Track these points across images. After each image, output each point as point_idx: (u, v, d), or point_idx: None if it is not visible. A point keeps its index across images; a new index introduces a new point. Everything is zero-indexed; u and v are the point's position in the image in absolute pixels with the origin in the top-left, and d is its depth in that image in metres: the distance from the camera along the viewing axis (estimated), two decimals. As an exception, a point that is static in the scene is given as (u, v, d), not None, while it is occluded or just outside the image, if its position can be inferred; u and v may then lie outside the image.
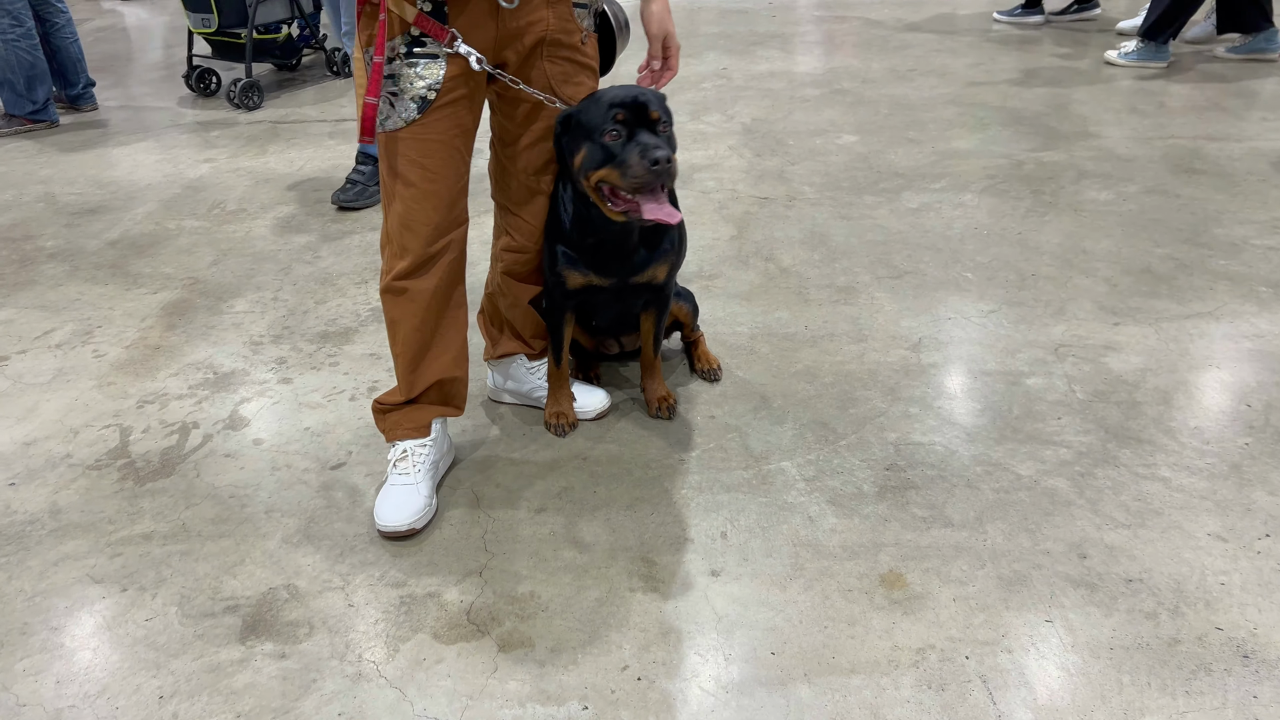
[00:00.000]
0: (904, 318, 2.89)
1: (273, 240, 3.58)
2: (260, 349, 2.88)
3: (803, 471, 2.27)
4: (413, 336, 2.12)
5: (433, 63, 1.94)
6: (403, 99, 1.95)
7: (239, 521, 2.18)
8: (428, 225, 2.03)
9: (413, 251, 2.05)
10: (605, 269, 2.22)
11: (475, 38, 1.96)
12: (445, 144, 2.01)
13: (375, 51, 1.90)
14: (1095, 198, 3.60)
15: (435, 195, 2.02)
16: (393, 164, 2.01)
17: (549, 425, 2.44)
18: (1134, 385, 2.53)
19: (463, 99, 2.00)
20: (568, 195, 2.18)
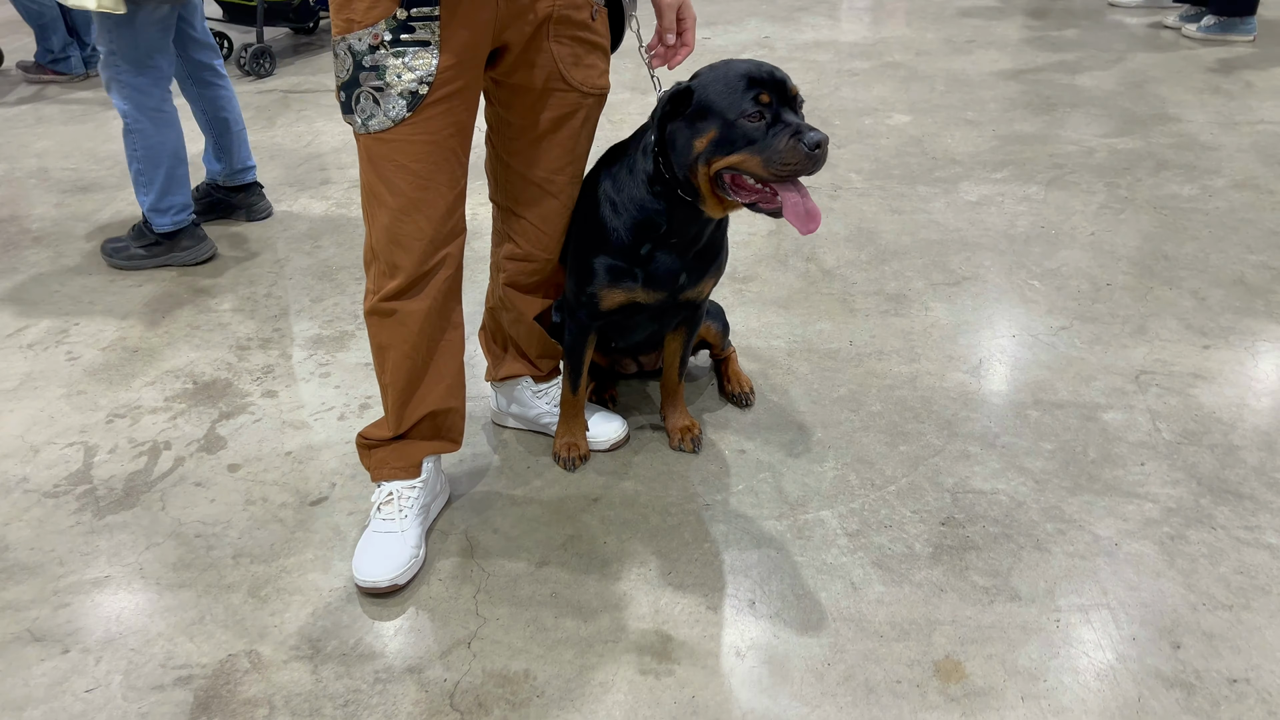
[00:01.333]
0: (962, 334, 2.56)
1: (271, 226, 3.31)
2: (246, 354, 2.61)
3: (845, 524, 1.98)
4: (403, 364, 1.84)
5: (423, 50, 1.64)
6: (389, 94, 1.65)
7: (203, 568, 1.93)
8: (420, 239, 1.75)
9: (404, 269, 1.76)
10: (659, 283, 1.91)
11: (475, 18, 1.66)
12: (439, 145, 1.71)
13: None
14: (1177, 193, 3.23)
15: (428, 205, 1.73)
16: (378, 170, 1.72)
17: (558, 457, 2.16)
18: (1229, 425, 2.20)
19: (460, 92, 1.70)
20: (624, 193, 1.85)
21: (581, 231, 1.93)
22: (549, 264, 2.03)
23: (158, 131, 2.87)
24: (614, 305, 1.95)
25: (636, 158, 1.84)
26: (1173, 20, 4.81)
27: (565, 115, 1.86)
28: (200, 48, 3.04)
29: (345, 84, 1.67)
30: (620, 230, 1.86)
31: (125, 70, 2.78)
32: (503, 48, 1.75)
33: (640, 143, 1.84)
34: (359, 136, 1.71)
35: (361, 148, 1.72)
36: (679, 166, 1.76)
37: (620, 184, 1.86)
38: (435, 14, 1.62)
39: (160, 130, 2.88)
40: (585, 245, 1.92)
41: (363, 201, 1.77)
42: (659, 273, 1.90)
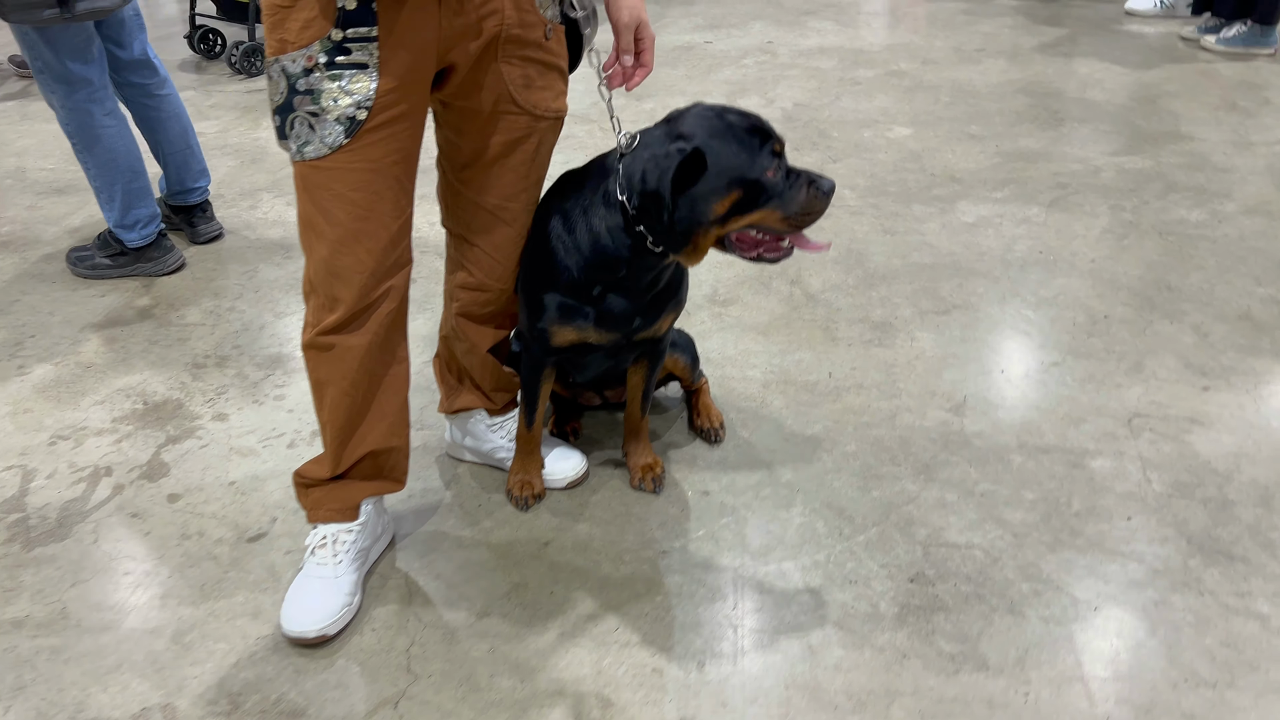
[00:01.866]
0: (948, 368, 2.44)
1: (244, 235, 3.22)
2: (201, 373, 2.52)
3: (808, 577, 1.86)
4: (342, 401, 1.74)
5: (361, 74, 1.53)
6: (325, 120, 1.54)
7: (127, 610, 1.83)
8: (361, 272, 1.64)
9: (344, 302, 1.66)
10: (611, 323, 1.80)
11: (416, 38, 1.55)
12: (381, 173, 1.61)
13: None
14: (1185, 218, 3.09)
15: (370, 236, 1.63)
16: (314, 199, 1.61)
17: (510, 495, 2.05)
18: (1225, 477, 2.07)
19: (402, 117, 1.60)
20: (579, 234, 1.72)
21: (532, 263, 1.82)
22: (503, 294, 1.92)
23: (105, 148, 2.75)
24: (565, 343, 1.84)
25: (596, 204, 1.71)
26: (1190, 31, 4.65)
27: (518, 139, 1.75)
28: (132, 68, 2.86)
29: (279, 108, 1.57)
30: (572, 269, 1.75)
31: (58, 88, 2.66)
32: (449, 68, 1.64)
33: (600, 189, 1.71)
34: (295, 164, 1.60)
35: (297, 175, 1.62)
36: (682, 227, 1.63)
37: (573, 223, 1.73)
38: (373, 35, 1.52)
39: (107, 146, 2.75)
40: (535, 279, 1.81)
41: (300, 232, 1.66)
42: (612, 313, 1.79)
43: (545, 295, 1.79)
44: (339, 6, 1.49)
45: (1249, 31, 4.39)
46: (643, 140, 1.67)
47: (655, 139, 1.65)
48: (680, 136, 1.62)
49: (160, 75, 2.93)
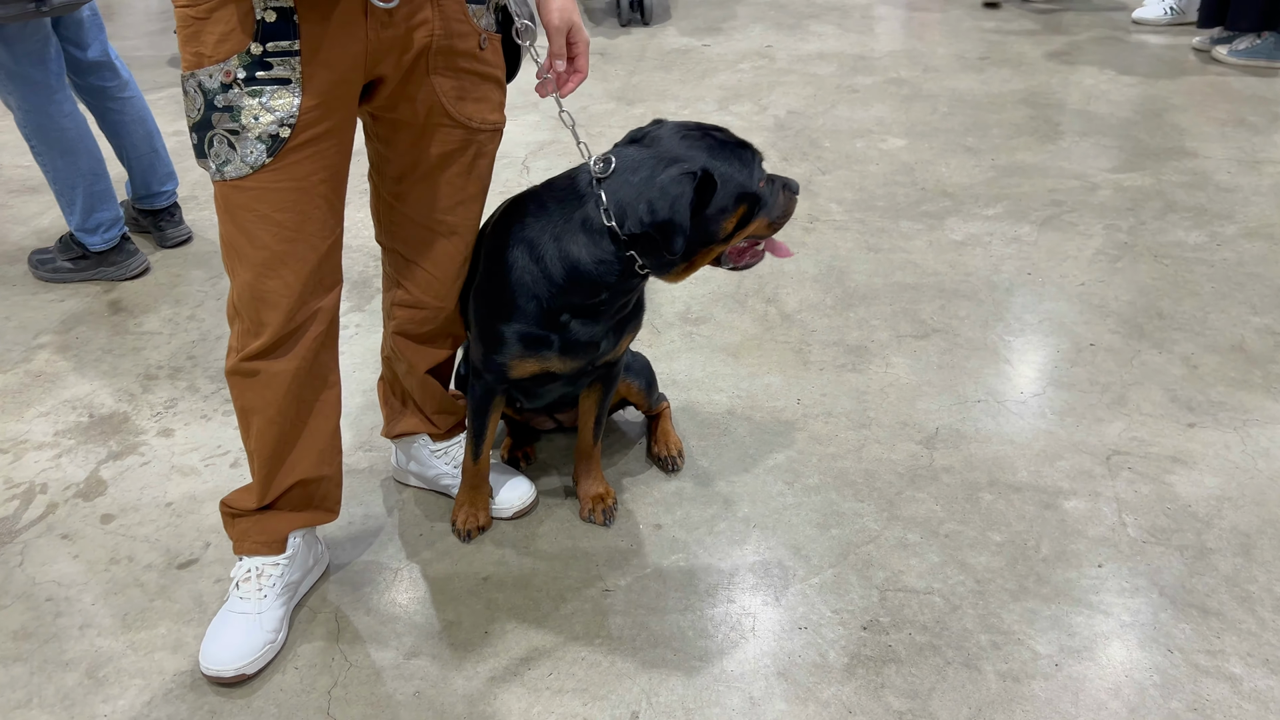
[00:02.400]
0: (922, 396, 2.34)
1: (212, 239, 3.14)
2: (152, 385, 2.45)
3: (756, 623, 1.77)
4: (269, 430, 1.66)
5: (283, 89, 1.44)
6: (245, 138, 1.46)
7: (44, 639, 1.76)
8: (287, 295, 1.56)
9: (270, 326, 1.58)
10: (577, 350, 1.72)
11: (341, 52, 1.46)
12: (306, 192, 1.52)
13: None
14: (1182, 240, 2.97)
15: (296, 258, 1.55)
16: (237, 221, 1.53)
17: (454, 527, 1.97)
18: (1205, 522, 1.96)
19: (329, 133, 1.51)
20: (549, 261, 1.62)
21: (489, 296, 1.71)
22: (442, 312, 1.83)
23: (64, 150, 2.68)
24: (526, 374, 1.76)
25: (572, 231, 1.61)
26: (1201, 42, 4.51)
27: (453, 151, 1.67)
28: (92, 70, 2.78)
29: (196, 125, 1.49)
30: (541, 298, 1.65)
31: (14, 88, 2.59)
32: (377, 80, 1.56)
33: (575, 215, 1.61)
34: (215, 184, 1.52)
35: (218, 196, 1.54)
36: (694, 245, 1.61)
37: (542, 251, 1.62)
38: (295, 49, 1.43)
39: (66, 148, 2.68)
40: (492, 312, 1.71)
41: (222, 254, 1.59)
42: (578, 340, 1.70)
43: (504, 327, 1.69)
44: (257, 19, 1.41)
45: (1264, 43, 4.26)
46: (623, 164, 1.59)
47: (642, 163, 1.57)
48: (675, 159, 1.56)
49: (122, 77, 2.86)
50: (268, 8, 1.41)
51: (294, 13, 1.42)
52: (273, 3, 1.40)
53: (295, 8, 1.41)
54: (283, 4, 1.41)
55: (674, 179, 1.53)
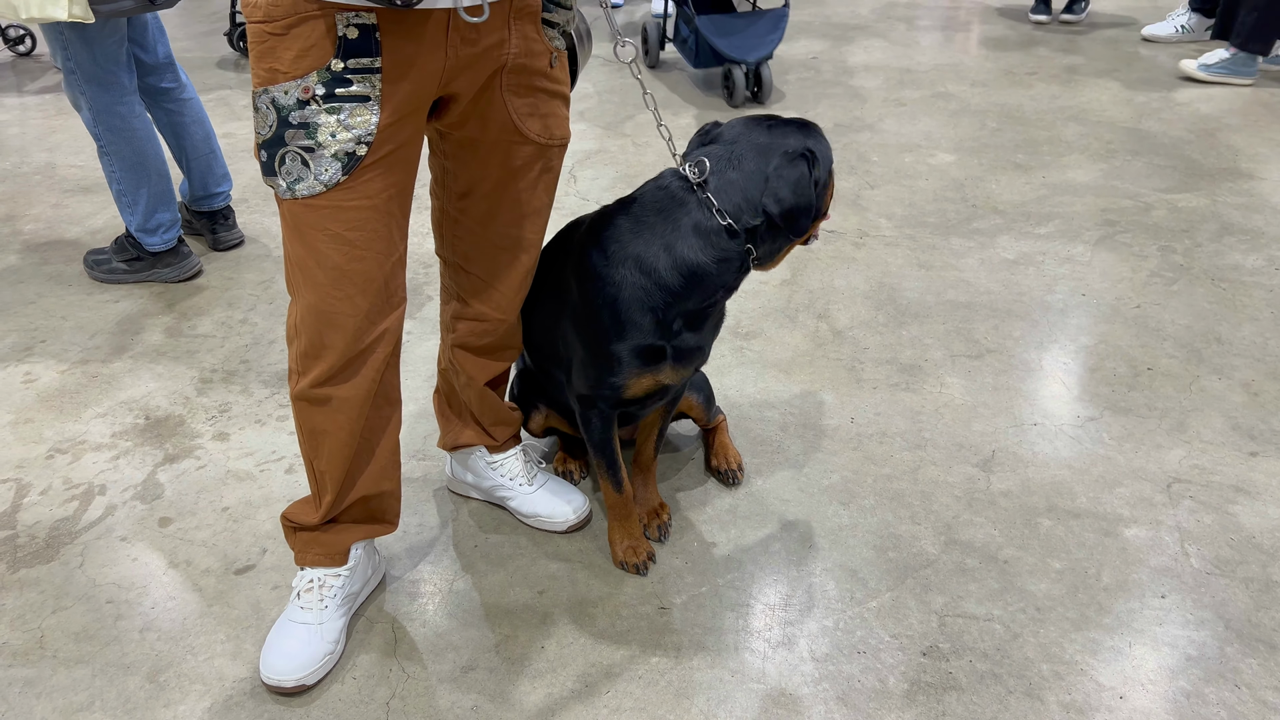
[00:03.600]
0: (977, 418, 2.31)
1: (264, 244, 3.17)
2: (207, 389, 2.47)
3: (814, 645, 1.76)
4: (340, 452, 1.66)
5: (362, 106, 1.44)
6: (320, 156, 1.46)
7: (106, 641, 1.78)
8: (355, 315, 1.56)
9: (336, 349, 1.57)
10: (686, 358, 1.75)
11: (422, 69, 1.46)
12: (377, 210, 1.52)
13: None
14: (1240, 263, 2.93)
15: (364, 276, 1.54)
16: (306, 240, 1.53)
17: (625, 566, 1.92)
18: (1271, 554, 1.93)
19: (401, 149, 1.52)
20: (660, 270, 1.64)
21: (595, 320, 1.70)
22: (504, 324, 1.84)
23: (133, 150, 2.72)
24: (641, 392, 1.76)
25: (683, 237, 1.63)
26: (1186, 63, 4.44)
27: (521, 167, 1.67)
28: (151, 70, 2.82)
29: (267, 142, 1.48)
30: (658, 309, 1.66)
31: (88, 88, 2.62)
32: (448, 97, 1.56)
33: (684, 221, 1.63)
34: (282, 202, 1.52)
35: (286, 214, 1.53)
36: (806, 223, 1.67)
37: (652, 264, 1.64)
38: (376, 66, 1.43)
39: (135, 148, 2.72)
40: (604, 334, 1.70)
41: (287, 273, 1.58)
42: (688, 347, 1.73)
43: (618, 347, 1.69)
44: (339, 35, 1.41)
45: (1232, 59, 4.22)
46: (719, 165, 1.64)
47: (738, 159, 1.64)
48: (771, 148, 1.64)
49: (182, 79, 2.89)
50: (350, 24, 1.41)
51: (377, 29, 1.41)
52: (355, 20, 1.40)
53: (378, 24, 1.41)
54: (366, 21, 1.41)
55: (790, 164, 1.61)
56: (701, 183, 1.63)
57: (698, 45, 4.20)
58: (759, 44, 4.07)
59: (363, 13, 1.40)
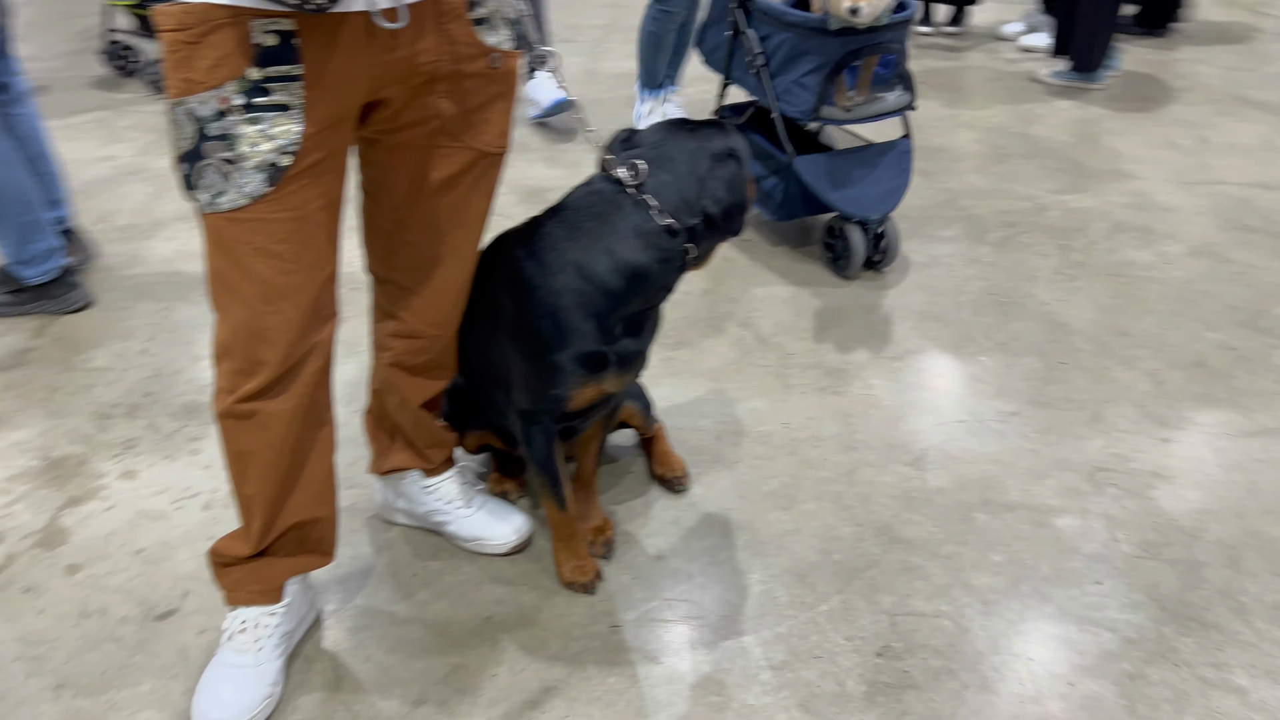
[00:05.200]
0: (905, 418, 2.35)
1: (159, 268, 3.01)
2: (108, 425, 2.32)
3: (770, 653, 1.74)
4: (269, 473, 1.57)
5: (283, 115, 1.37)
6: (241, 167, 1.38)
7: (16, 703, 1.64)
8: (286, 330, 1.48)
9: (269, 365, 1.49)
10: (628, 363, 1.73)
11: (346, 76, 1.40)
12: (305, 221, 1.45)
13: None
14: (1133, 259, 3.06)
15: (296, 290, 1.47)
16: (231, 255, 1.44)
17: (573, 587, 1.87)
18: (1192, 536, 2.01)
19: (328, 158, 1.45)
20: (600, 269, 1.62)
21: (535, 332, 1.66)
22: (440, 340, 1.77)
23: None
24: (585, 402, 1.72)
25: (624, 239, 1.61)
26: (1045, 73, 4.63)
27: (457, 174, 1.61)
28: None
29: (186, 155, 1.40)
30: (601, 313, 1.63)
31: None
32: (377, 103, 1.50)
33: (624, 224, 1.61)
34: (205, 216, 1.44)
35: (208, 229, 1.45)
36: (742, 220, 1.69)
37: (593, 268, 1.61)
38: (296, 74, 1.36)
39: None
40: (545, 345, 1.65)
41: (211, 290, 1.50)
42: (628, 352, 1.71)
43: (560, 356, 1.65)
44: (254, 43, 1.34)
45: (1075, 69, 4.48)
46: (659, 166, 1.63)
47: (670, 161, 1.63)
48: (701, 150, 1.65)
49: (15, 91, 2.69)
50: (267, 31, 1.34)
51: (295, 36, 1.35)
52: (272, 26, 1.33)
53: (297, 31, 1.35)
54: (283, 27, 1.34)
55: (722, 165, 1.64)
56: (638, 185, 1.62)
57: (787, 193, 2.92)
58: (883, 194, 2.87)
59: (279, 19, 1.33)
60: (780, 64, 2.81)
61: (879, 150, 2.96)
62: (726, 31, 2.98)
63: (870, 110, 2.84)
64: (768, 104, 2.89)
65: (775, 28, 2.80)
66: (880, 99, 2.87)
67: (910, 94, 2.89)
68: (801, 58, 2.74)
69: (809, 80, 2.74)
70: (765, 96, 2.88)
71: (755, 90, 2.96)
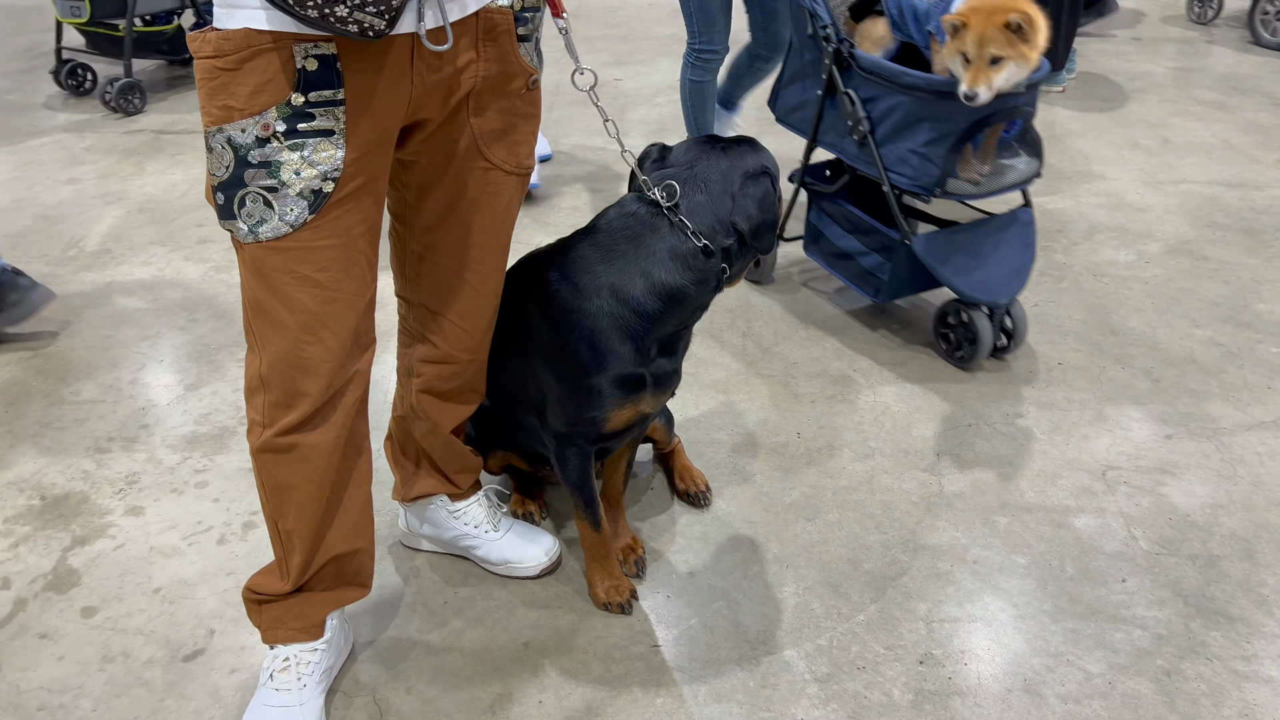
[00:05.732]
0: (916, 423, 2.37)
1: (140, 296, 2.92)
2: (106, 459, 2.24)
3: (813, 666, 1.74)
4: (309, 507, 1.53)
5: (326, 140, 1.34)
6: (284, 195, 1.35)
7: (45, 756, 1.57)
8: (328, 360, 1.44)
9: (310, 396, 1.46)
10: (664, 383, 1.73)
11: (388, 98, 1.38)
12: (348, 248, 1.42)
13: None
14: (1114, 259, 3.13)
15: (337, 319, 1.44)
16: (272, 284, 1.41)
17: (608, 607, 1.85)
18: (1206, 530, 2.05)
19: (371, 183, 1.42)
20: (635, 292, 1.62)
21: (571, 355, 1.64)
22: (472, 365, 1.75)
23: None
24: (622, 424, 1.71)
25: (659, 261, 1.61)
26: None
27: (488, 196, 1.60)
28: None
29: (224, 184, 1.36)
30: (638, 336, 1.63)
31: None
32: (415, 124, 1.48)
33: (659, 246, 1.61)
34: (243, 246, 1.40)
35: (246, 258, 1.41)
36: (773, 238, 1.69)
37: (628, 290, 1.61)
38: (340, 97, 1.34)
39: None
40: (582, 368, 1.64)
41: (247, 321, 1.46)
42: (664, 373, 1.71)
43: (598, 379, 1.64)
44: (298, 67, 1.31)
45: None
46: (692, 187, 1.63)
47: (702, 182, 1.63)
48: (733, 170, 1.65)
49: None
50: (309, 55, 1.31)
51: (337, 60, 1.32)
52: (314, 50, 1.31)
53: (338, 54, 1.32)
54: (325, 51, 1.31)
55: (755, 183, 1.64)
56: (673, 206, 1.61)
57: (894, 274, 2.57)
58: (1011, 274, 2.51)
59: (321, 43, 1.30)
60: (892, 131, 2.40)
61: (1000, 223, 2.58)
62: (816, 91, 2.59)
63: (1000, 183, 2.45)
64: (868, 173, 2.52)
65: (885, 89, 2.38)
66: (1009, 168, 2.50)
67: (1039, 160, 2.54)
68: (920, 124, 2.34)
69: (931, 150, 2.33)
70: (868, 166, 2.50)
71: (855, 158, 2.54)
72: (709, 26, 3.13)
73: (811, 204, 2.82)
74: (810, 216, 2.82)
